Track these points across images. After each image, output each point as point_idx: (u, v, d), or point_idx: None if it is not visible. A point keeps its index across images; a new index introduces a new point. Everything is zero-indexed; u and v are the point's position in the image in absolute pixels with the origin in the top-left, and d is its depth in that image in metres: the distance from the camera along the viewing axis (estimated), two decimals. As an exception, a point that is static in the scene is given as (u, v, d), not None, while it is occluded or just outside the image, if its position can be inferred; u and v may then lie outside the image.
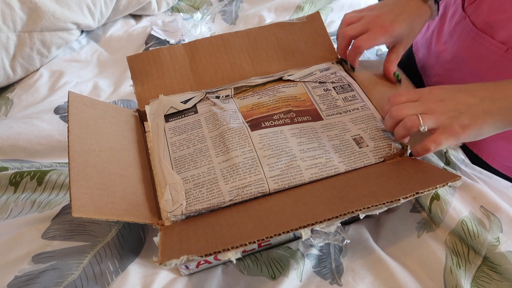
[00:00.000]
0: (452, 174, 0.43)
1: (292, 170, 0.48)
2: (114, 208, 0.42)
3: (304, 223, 0.37)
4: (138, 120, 0.58)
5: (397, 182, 0.43)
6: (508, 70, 0.57)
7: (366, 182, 0.45)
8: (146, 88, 0.59)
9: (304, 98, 0.57)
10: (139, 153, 0.52)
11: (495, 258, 0.47)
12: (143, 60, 0.61)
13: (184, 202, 0.46)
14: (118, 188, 0.45)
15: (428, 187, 0.41)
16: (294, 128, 0.53)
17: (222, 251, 0.35)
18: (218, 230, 0.41)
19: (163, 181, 0.48)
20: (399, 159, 0.50)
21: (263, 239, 0.36)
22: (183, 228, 0.43)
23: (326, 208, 0.40)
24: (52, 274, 0.45)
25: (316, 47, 0.64)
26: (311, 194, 0.44)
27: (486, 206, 0.52)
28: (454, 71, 0.67)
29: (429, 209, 0.52)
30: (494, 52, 0.59)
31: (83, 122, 0.49)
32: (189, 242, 0.39)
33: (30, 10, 0.76)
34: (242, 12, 0.98)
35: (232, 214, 0.44)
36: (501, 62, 0.59)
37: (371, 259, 0.48)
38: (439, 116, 0.46)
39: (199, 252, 0.36)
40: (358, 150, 0.50)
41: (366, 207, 0.39)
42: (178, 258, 0.35)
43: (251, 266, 0.48)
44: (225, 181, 0.47)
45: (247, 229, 0.39)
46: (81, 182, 0.42)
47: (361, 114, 0.55)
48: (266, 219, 0.41)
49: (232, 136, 0.51)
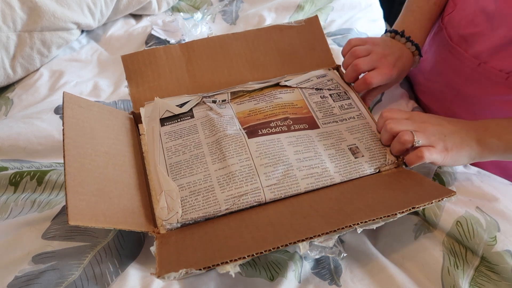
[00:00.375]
0: (448, 190, 0.44)
1: (288, 180, 0.48)
2: (110, 216, 0.42)
3: (302, 237, 0.37)
4: (133, 122, 0.57)
5: (392, 196, 0.43)
6: (481, 85, 0.58)
7: (362, 194, 0.45)
8: (141, 90, 0.59)
9: (301, 105, 0.57)
10: (134, 157, 0.51)
11: (492, 258, 0.47)
12: (138, 60, 0.60)
13: (180, 210, 0.46)
14: (114, 195, 0.45)
15: (424, 202, 0.41)
16: (291, 136, 0.53)
17: (221, 264, 0.35)
18: (216, 241, 0.40)
19: (159, 187, 0.48)
20: (395, 171, 0.50)
21: (261, 252, 0.36)
22: (179, 237, 0.43)
23: (323, 221, 0.40)
24: (52, 274, 0.45)
25: (314, 52, 0.64)
26: (308, 205, 0.44)
27: (482, 207, 0.52)
28: (432, 82, 0.69)
29: (423, 214, 0.52)
30: (467, 65, 0.61)
31: (78, 124, 0.48)
32: (186, 253, 0.39)
33: (30, 9, 0.76)
34: (242, 12, 0.98)
35: (229, 224, 0.44)
36: (474, 77, 0.61)
37: (369, 261, 0.49)
38: (429, 135, 0.49)
39: (197, 264, 0.36)
40: (353, 160, 0.50)
41: (363, 221, 0.39)
42: (177, 271, 0.35)
43: (249, 268, 0.48)
44: (222, 189, 0.47)
45: (245, 241, 0.39)
46: (77, 188, 0.42)
47: (357, 123, 0.55)
48: (263, 230, 0.40)
49: (229, 143, 0.51)
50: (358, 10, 0.94)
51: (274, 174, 0.48)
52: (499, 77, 0.57)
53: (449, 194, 0.42)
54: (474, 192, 0.54)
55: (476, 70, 0.60)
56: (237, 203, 0.46)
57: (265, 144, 0.51)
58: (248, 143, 0.51)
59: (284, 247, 0.37)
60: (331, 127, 0.54)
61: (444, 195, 0.42)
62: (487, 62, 0.58)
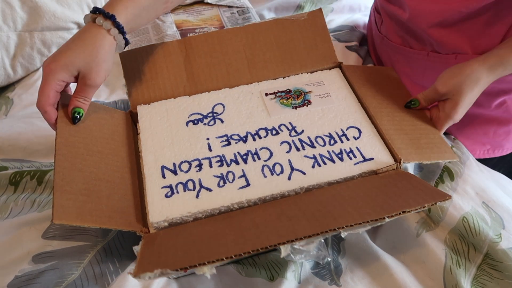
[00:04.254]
0: (443, 193, 0.43)
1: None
2: (97, 215, 0.42)
3: (284, 239, 0.37)
4: (130, 121, 0.57)
5: (384, 199, 0.42)
6: (438, 70, 0.60)
7: (353, 197, 0.44)
8: (138, 89, 0.58)
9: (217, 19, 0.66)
10: (128, 156, 0.51)
11: (497, 255, 0.47)
12: (136, 58, 0.59)
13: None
14: (103, 194, 0.44)
15: (416, 206, 0.40)
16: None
17: (198, 265, 0.35)
18: (198, 241, 0.40)
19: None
20: (392, 173, 0.49)
21: (240, 255, 0.35)
22: (164, 237, 0.42)
23: (308, 224, 0.39)
24: (52, 274, 0.45)
25: (315, 48, 0.62)
26: (297, 208, 0.43)
27: (488, 202, 0.52)
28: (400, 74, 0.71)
29: (428, 209, 0.52)
30: (420, 59, 0.66)
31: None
32: (167, 253, 0.38)
33: (30, 9, 0.76)
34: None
35: (216, 224, 0.43)
36: (430, 65, 0.65)
37: (370, 259, 0.48)
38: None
39: (173, 265, 0.35)
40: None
41: (348, 225, 0.38)
42: (152, 271, 0.35)
43: (249, 268, 0.48)
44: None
45: (226, 242, 0.38)
46: (65, 187, 0.42)
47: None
48: (247, 232, 0.40)
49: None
50: (358, 12, 0.95)
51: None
52: (449, 59, 0.62)
53: (444, 198, 0.41)
54: (481, 188, 0.54)
55: (428, 59, 0.64)
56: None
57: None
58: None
59: (263, 249, 0.36)
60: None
61: (438, 199, 0.41)
62: (433, 49, 0.63)
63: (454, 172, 0.56)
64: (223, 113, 0.56)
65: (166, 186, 0.47)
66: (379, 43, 0.74)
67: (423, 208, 0.40)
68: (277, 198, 0.47)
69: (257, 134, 0.53)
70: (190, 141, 0.52)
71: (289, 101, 0.57)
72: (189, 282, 0.47)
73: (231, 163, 0.50)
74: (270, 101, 0.57)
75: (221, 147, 0.52)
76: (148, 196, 0.47)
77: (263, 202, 0.47)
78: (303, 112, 0.56)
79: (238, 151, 0.51)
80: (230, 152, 0.51)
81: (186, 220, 0.45)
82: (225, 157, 0.50)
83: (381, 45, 0.74)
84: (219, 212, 0.46)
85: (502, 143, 0.70)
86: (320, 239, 0.38)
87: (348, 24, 0.86)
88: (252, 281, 0.46)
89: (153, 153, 0.51)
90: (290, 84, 0.59)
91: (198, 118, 0.55)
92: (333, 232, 0.38)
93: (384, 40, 0.71)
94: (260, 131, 0.53)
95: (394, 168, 0.49)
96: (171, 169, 0.49)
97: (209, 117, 0.55)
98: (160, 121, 0.55)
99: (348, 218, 0.39)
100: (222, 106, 0.57)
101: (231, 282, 0.46)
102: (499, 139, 0.69)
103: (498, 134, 0.68)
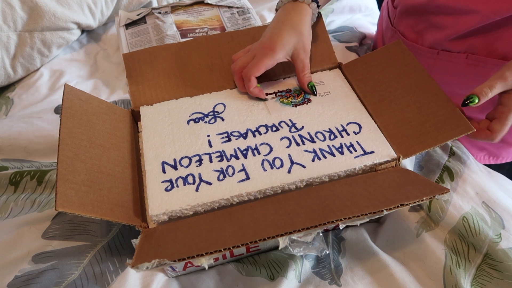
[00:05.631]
0: (441, 187, 0.43)
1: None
2: (98, 206, 0.42)
3: (281, 231, 0.37)
4: (132, 119, 0.57)
5: (382, 193, 0.42)
6: (449, 70, 0.61)
7: (352, 192, 0.44)
8: (140, 88, 0.59)
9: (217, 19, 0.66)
10: (129, 153, 0.51)
11: (496, 255, 0.47)
12: (139, 59, 0.60)
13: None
14: (105, 187, 0.45)
15: (414, 199, 0.40)
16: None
17: (196, 256, 0.35)
18: (197, 235, 0.40)
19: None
20: (391, 169, 0.49)
21: (238, 246, 0.36)
22: (164, 231, 0.43)
23: (306, 217, 0.39)
24: (52, 274, 0.45)
25: (315, 49, 0.62)
26: (295, 203, 0.44)
27: (488, 202, 0.53)
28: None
29: (428, 208, 0.52)
30: (429, 57, 0.65)
31: (76, 116, 0.49)
32: (166, 246, 0.39)
33: (30, 9, 0.76)
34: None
35: (215, 219, 0.44)
36: (439, 64, 0.65)
37: (370, 259, 0.48)
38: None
39: (172, 256, 0.35)
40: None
41: (346, 217, 0.38)
42: (150, 261, 0.35)
43: (249, 267, 0.48)
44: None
45: (225, 235, 0.39)
46: (68, 176, 0.42)
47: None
48: (245, 226, 0.40)
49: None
50: (358, 12, 0.95)
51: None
52: (460, 58, 0.62)
53: (442, 192, 0.41)
54: (481, 188, 0.55)
55: (438, 58, 0.64)
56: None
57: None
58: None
59: (261, 241, 0.36)
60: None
61: (436, 192, 0.41)
62: (444, 49, 0.63)
63: (454, 172, 0.57)
64: (224, 112, 0.56)
65: (166, 180, 0.48)
66: (389, 36, 0.74)
67: (421, 201, 0.41)
68: (277, 191, 0.47)
69: (257, 131, 0.53)
70: (191, 138, 0.53)
71: (289, 100, 0.57)
72: (189, 281, 0.47)
73: (231, 158, 0.50)
74: (271, 100, 0.57)
75: (221, 143, 0.52)
76: (148, 190, 0.47)
77: (263, 195, 0.47)
78: (303, 110, 0.56)
79: (238, 147, 0.51)
80: (230, 148, 0.51)
81: (186, 214, 0.45)
82: (225, 153, 0.51)
83: (392, 39, 0.73)
84: (219, 205, 0.46)
85: (497, 153, 0.70)
86: (318, 231, 0.38)
87: (348, 25, 0.87)
88: (252, 280, 0.46)
89: (154, 150, 0.51)
90: (290, 84, 0.60)
91: (199, 117, 0.56)
92: (331, 224, 0.38)
93: (396, 34, 0.71)
94: (260, 127, 0.54)
95: (393, 166, 0.50)
96: (172, 164, 0.49)
97: (210, 116, 0.56)
98: (162, 120, 0.55)
99: (346, 211, 0.39)
100: (223, 105, 0.57)
101: (231, 281, 0.46)
102: (493, 149, 0.69)
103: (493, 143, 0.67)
